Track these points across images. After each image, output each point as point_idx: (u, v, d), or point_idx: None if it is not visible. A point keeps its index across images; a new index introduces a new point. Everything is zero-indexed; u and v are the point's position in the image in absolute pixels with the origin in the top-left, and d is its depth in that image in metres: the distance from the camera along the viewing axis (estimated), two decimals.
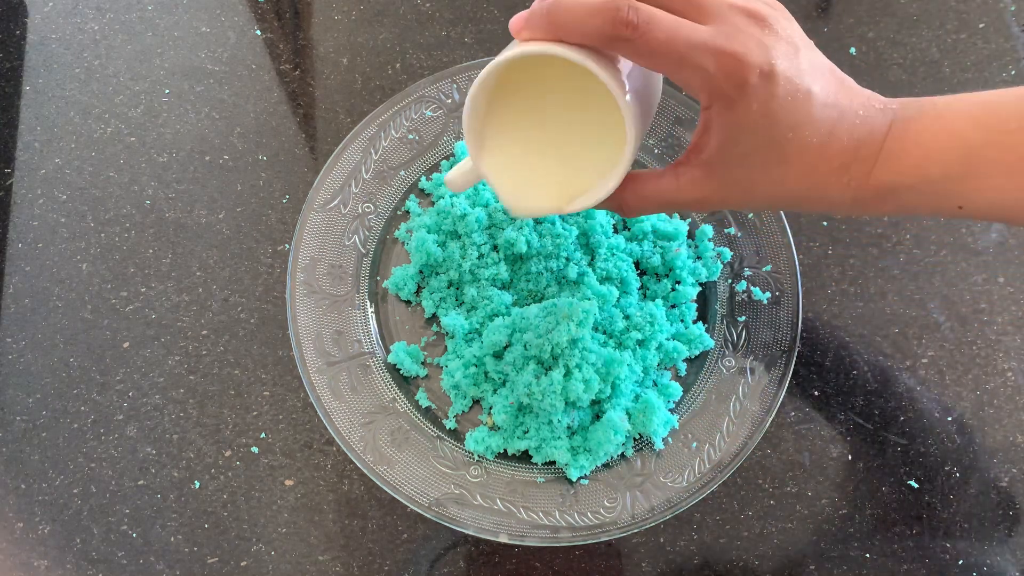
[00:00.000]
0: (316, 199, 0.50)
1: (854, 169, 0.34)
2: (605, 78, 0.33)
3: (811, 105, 0.33)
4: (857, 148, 0.34)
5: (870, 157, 0.34)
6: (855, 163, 0.34)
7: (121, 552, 0.46)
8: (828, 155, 0.34)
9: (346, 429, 0.45)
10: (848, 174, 0.34)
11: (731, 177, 0.36)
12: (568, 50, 0.32)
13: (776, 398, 0.46)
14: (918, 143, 0.33)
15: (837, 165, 0.34)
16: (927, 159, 0.33)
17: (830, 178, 0.34)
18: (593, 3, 0.32)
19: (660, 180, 0.37)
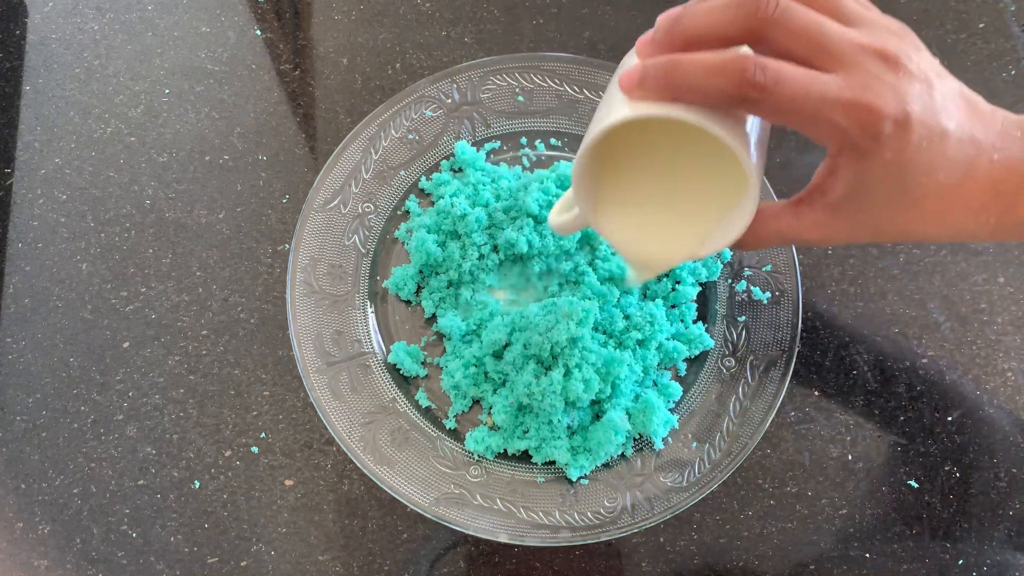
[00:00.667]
0: (316, 199, 0.50)
1: (993, 207, 0.33)
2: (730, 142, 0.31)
3: (946, 146, 0.32)
4: (996, 185, 0.33)
5: (1010, 192, 0.33)
6: (995, 201, 0.33)
7: (121, 552, 0.46)
8: (965, 196, 0.33)
9: (346, 429, 0.45)
10: (987, 212, 0.33)
11: (858, 219, 0.34)
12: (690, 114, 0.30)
13: (776, 398, 0.46)
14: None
15: (976, 206, 0.33)
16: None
17: (967, 218, 0.33)
18: (715, 61, 0.30)
19: (780, 219, 0.35)
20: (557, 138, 0.53)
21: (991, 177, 0.32)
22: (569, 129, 0.53)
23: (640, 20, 0.58)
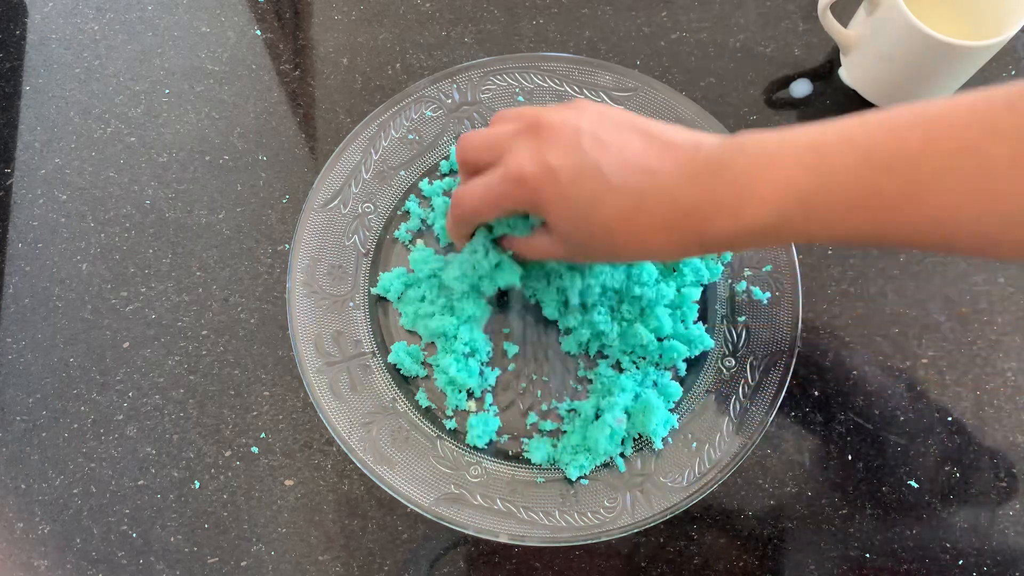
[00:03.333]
0: (316, 199, 0.50)
1: (680, 227, 0.36)
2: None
3: (605, 178, 0.36)
4: (678, 208, 0.35)
5: (696, 213, 0.35)
6: (682, 222, 0.35)
7: (121, 552, 0.46)
8: (648, 219, 0.36)
9: (346, 429, 0.45)
10: (674, 232, 0.36)
11: (572, 245, 0.40)
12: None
13: (776, 398, 0.46)
14: (753, 195, 0.33)
15: (661, 226, 0.36)
16: (761, 209, 0.33)
17: (657, 236, 0.36)
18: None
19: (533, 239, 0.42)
20: None
21: (672, 199, 0.35)
22: None
23: (640, 20, 0.58)
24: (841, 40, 0.54)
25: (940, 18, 0.52)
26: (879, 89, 0.54)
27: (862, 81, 0.55)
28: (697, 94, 0.55)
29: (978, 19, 0.51)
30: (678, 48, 0.57)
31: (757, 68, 0.56)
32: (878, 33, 0.51)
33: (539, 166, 0.37)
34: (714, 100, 0.55)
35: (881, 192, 0.32)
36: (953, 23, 0.52)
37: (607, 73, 0.53)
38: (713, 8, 0.58)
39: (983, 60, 0.50)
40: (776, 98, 0.56)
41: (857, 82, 0.55)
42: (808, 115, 0.55)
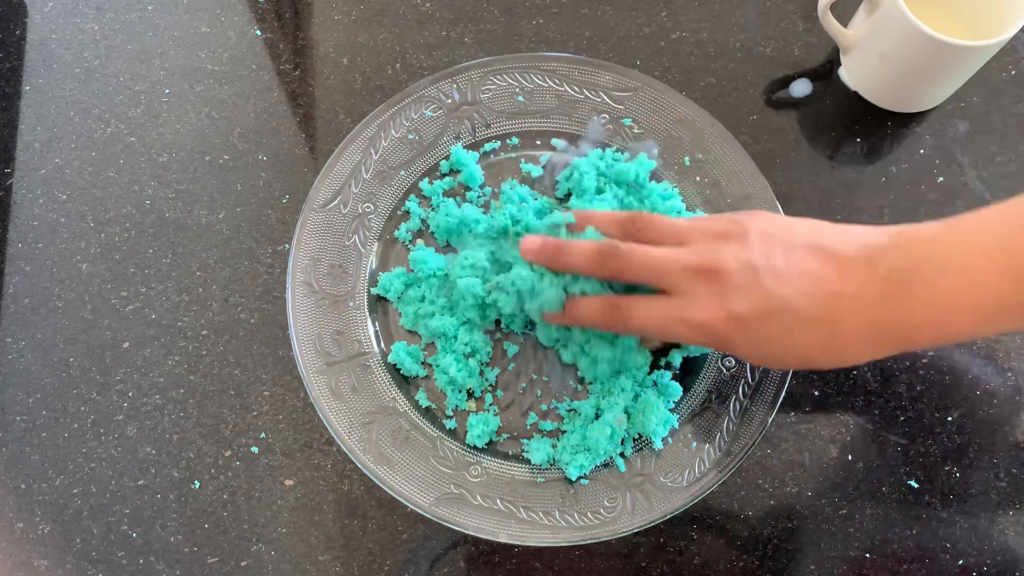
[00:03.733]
0: (316, 199, 0.50)
1: (882, 343, 0.36)
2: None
3: (794, 312, 0.36)
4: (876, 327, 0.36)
5: (895, 330, 0.35)
6: (882, 338, 0.36)
7: (121, 552, 0.46)
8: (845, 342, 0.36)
9: (346, 429, 0.45)
10: (875, 347, 0.36)
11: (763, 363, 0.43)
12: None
13: (776, 398, 0.46)
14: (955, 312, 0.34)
15: (860, 345, 0.36)
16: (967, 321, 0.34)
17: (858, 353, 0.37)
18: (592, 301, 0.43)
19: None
20: (558, 138, 0.53)
21: (869, 322, 0.36)
22: (569, 129, 0.53)
23: (640, 20, 0.58)
24: (841, 40, 0.54)
25: (940, 18, 0.52)
26: (879, 89, 0.54)
27: (862, 81, 0.55)
28: (697, 94, 0.55)
29: (978, 19, 0.51)
30: (678, 48, 0.57)
31: (757, 68, 0.56)
32: (878, 33, 0.51)
33: (724, 316, 0.37)
34: (714, 100, 0.55)
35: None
36: (953, 23, 0.52)
37: (607, 73, 0.53)
38: (713, 8, 0.58)
39: (983, 60, 0.50)
40: (776, 98, 0.56)
41: (857, 82, 0.55)
42: (808, 115, 0.55)
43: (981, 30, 0.49)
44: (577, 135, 0.53)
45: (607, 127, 0.53)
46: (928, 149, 0.54)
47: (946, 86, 0.53)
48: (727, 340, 0.38)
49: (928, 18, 0.48)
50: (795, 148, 0.54)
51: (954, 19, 0.52)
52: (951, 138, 0.55)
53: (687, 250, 0.39)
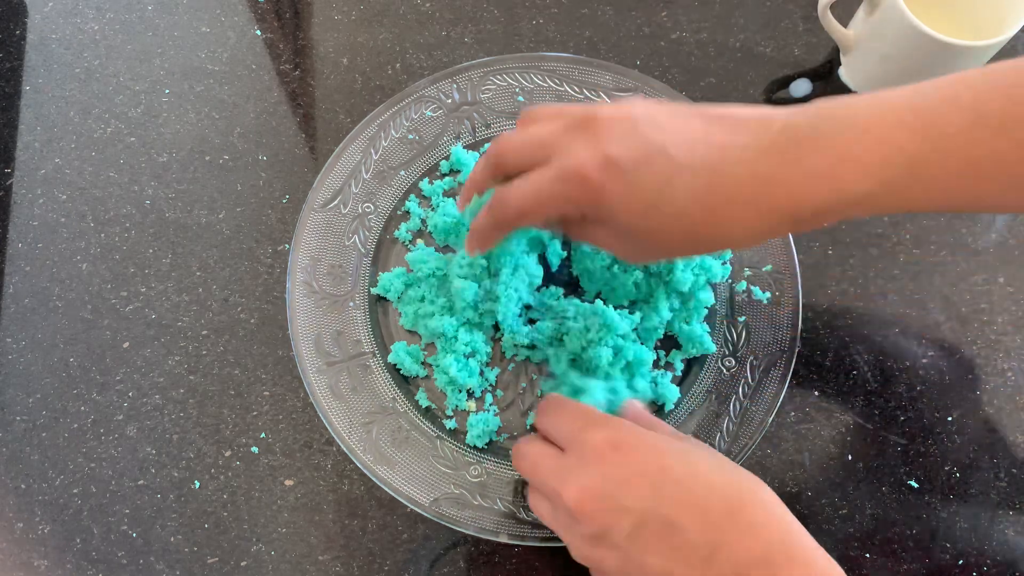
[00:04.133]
0: (316, 199, 0.50)
1: (766, 202, 0.32)
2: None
3: (671, 158, 0.33)
4: (759, 180, 0.32)
5: (783, 185, 0.32)
6: (767, 195, 0.32)
7: (121, 552, 0.46)
8: (725, 195, 0.33)
9: (346, 429, 0.45)
10: (759, 208, 0.32)
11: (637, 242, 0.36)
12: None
13: (776, 398, 0.46)
14: (854, 161, 0.31)
15: (742, 201, 0.32)
16: (864, 175, 0.31)
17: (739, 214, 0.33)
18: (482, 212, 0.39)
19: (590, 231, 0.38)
20: None
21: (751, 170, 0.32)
22: None
23: (640, 20, 0.58)
24: (841, 40, 0.54)
25: (940, 18, 0.52)
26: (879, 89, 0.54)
27: (862, 81, 0.55)
28: (697, 94, 0.55)
29: (978, 19, 0.51)
30: (678, 48, 0.57)
31: (757, 68, 0.56)
32: (878, 33, 0.51)
33: (600, 160, 0.34)
34: (714, 100, 0.55)
35: (997, 154, 0.30)
36: (953, 23, 0.52)
37: (607, 73, 0.53)
38: (713, 8, 0.58)
39: (983, 60, 0.50)
40: (776, 98, 0.56)
41: (857, 82, 0.55)
42: None
43: (981, 30, 0.49)
44: None
45: None
46: None
47: None
48: (600, 190, 0.34)
49: (928, 18, 0.48)
50: None
51: (954, 19, 0.52)
52: None
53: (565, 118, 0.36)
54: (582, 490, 0.34)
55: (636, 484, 0.33)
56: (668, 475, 0.33)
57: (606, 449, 0.34)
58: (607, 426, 0.36)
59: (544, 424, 0.39)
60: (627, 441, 0.35)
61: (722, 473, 0.34)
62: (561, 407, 0.38)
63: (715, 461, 0.35)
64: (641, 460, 0.34)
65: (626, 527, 0.33)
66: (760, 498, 0.33)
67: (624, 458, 0.34)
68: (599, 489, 0.34)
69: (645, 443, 0.35)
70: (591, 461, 0.35)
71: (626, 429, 0.35)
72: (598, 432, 0.35)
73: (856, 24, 0.54)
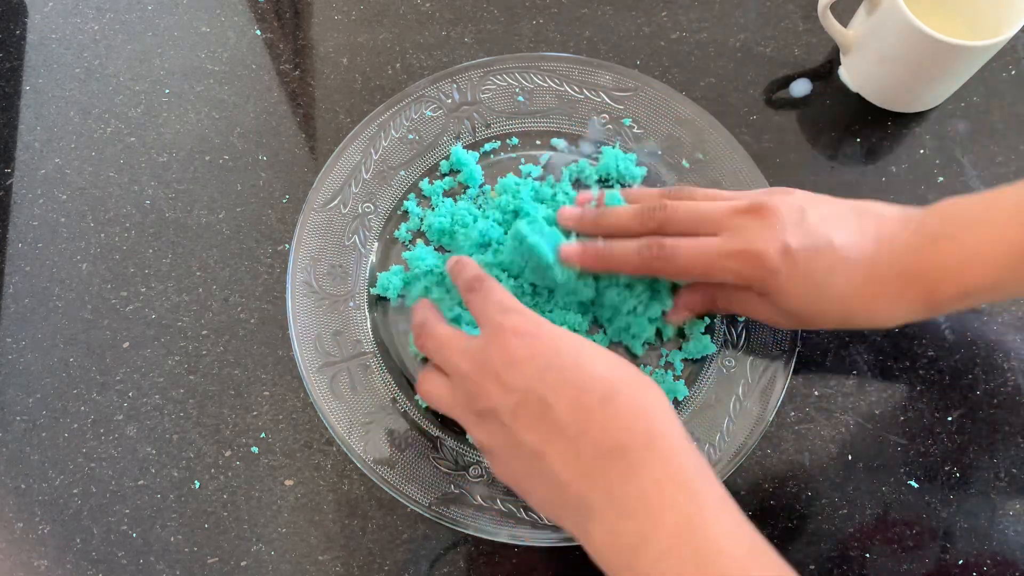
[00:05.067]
0: (316, 199, 0.50)
1: (910, 294, 0.39)
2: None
3: (837, 250, 0.39)
4: (908, 275, 0.38)
5: (923, 279, 0.38)
6: (911, 289, 0.39)
7: (121, 552, 0.46)
8: (880, 288, 0.39)
9: (346, 429, 0.45)
10: (904, 299, 0.39)
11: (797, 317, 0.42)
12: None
13: (776, 398, 0.46)
14: (976, 258, 0.37)
15: (892, 295, 0.39)
16: (987, 269, 0.37)
17: (888, 304, 0.39)
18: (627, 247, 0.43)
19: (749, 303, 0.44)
20: (558, 138, 0.53)
21: (900, 265, 0.38)
22: (569, 129, 0.53)
23: (640, 20, 0.58)
24: (841, 40, 0.54)
25: (940, 18, 0.52)
26: (879, 89, 0.54)
27: (862, 81, 0.55)
28: (697, 94, 0.55)
29: (978, 19, 0.51)
30: (678, 48, 0.57)
31: (757, 68, 0.56)
32: (878, 33, 0.51)
33: (778, 247, 0.39)
34: (714, 100, 0.55)
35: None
36: (953, 23, 0.52)
37: (607, 73, 0.53)
38: (713, 8, 0.58)
39: (983, 60, 0.50)
40: (776, 98, 0.56)
41: (857, 82, 0.55)
42: (808, 115, 0.55)
43: (981, 30, 0.49)
44: (577, 135, 0.53)
45: (607, 127, 0.53)
46: (928, 149, 0.54)
47: (946, 86, 0.53)
48: (774, 273, 0.39)
49: (928, 18, 0.48)
50: (795, 148, 0.54)
51: (954, 19, 0.52)
52: (951, 138, 0.55)
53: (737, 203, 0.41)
54: (480, 364, 0.36)
55: (525, 366, 0.35)
56: (555, 361, 0.35)
57: (510, 334, 0.36)
58: (522, 314, 0.37)
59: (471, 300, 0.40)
60: (530, 330, 0.36)
61: (609, 368, 0.35)
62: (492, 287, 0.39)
63: (610, 360, 0.36)
64: (536, 346, 0.36)
65: (510, 404, 0.35)
66: (636, 392, 0.35)
67: (523, 342, 0.36)
68: (494, 365, 0.36)
69: (546, 334, 0.36)
70: (494, 341, 0.36)
71: (536, 321, 0.37)
72: (511, 317, 0.37)
73: (856, 24, 0.54)
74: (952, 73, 0.51)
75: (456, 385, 0.38)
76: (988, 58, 0.49)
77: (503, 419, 0.35)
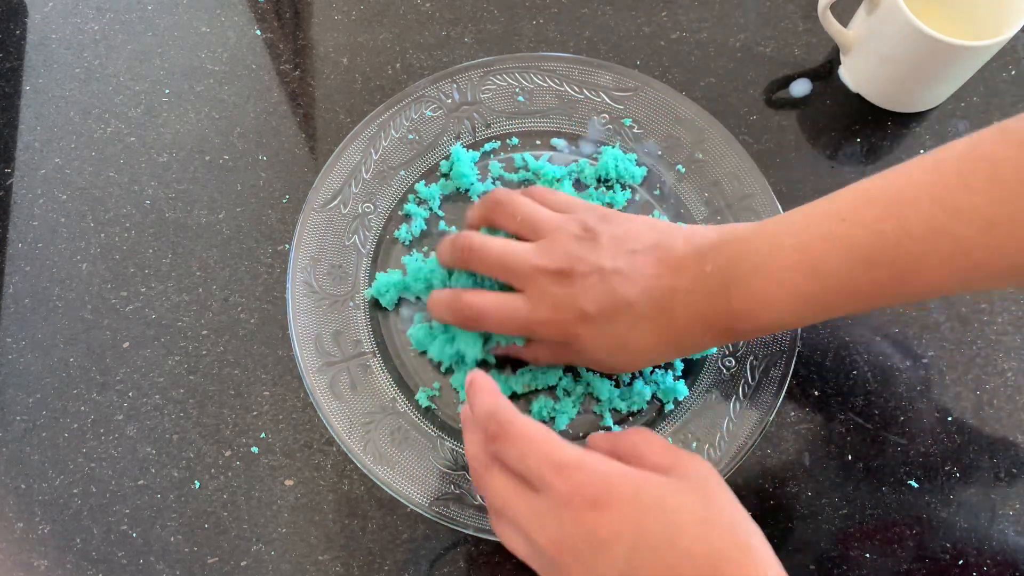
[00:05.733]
0: (316, 199, 0.50)
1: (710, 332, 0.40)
2: None
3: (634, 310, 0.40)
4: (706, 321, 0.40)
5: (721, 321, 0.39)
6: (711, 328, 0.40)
7: (121, 552, 0.46)
8: (680, 333, 0.40)
9: (346, 429, 0.45)
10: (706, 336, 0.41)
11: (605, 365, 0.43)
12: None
13: (776, 398, 0.46)
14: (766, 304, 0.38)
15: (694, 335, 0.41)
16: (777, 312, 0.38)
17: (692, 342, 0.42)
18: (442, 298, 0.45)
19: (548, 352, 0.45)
20: (558, 138, 0.53)
21: (700, 316, 0.40)
22: (569, 129, 0.53)
23: (640, 20, 0.58)
24: (841, 40, 0.54)
25: (940, 18, 0.52)
26: (879, 89, 0.54)
27: (862, 81, 0.55)
28: (697, 94, 0.55)
29: (978, 19, 0.51)
30: (678, 48, 0.57)
31: (757, 68, 0.56)
32: (878, 33, 0.51)
33: (576, 315, 0.40)
34: (714, 100, 0.55)
35: (873, 282, 0.36)
36: (953, 23, 0.52)
37: (607, 73, 0.53)
38: (713, 8, 0.58)
39: (983, 60, 0.50)
40: (776, 98, 0.56)
41: (857, 82, 0.55)
42: (808, 115, 0.55)
43: (981, 30, 0.49)
44: (577, 135, 0.53)
45: (607, 127, 0.53)
46: (928, 149, 0.54)
47: (946, 86, 0.53)
48: (575, 336, 0.41)
49: (928, 18, 0.48)
50: (795, 148, 0.54)
51: (954, 19, 0.52)
52: (951, 138, 0.54)
53: (542, 251, 0.42)
54: (558, 544, 0.32)
55: (611, 550, 0.31)
56: (644, 540, 0.31)
57: (580, 504, 0.32)
58: (580, 470, 0.33)
59: (505, 454, 0.35)
60: (602, 496, 0.32)
61: (704, 537, 0.31)
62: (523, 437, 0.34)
63: (701, 514, 0.32)
64: (618, 521, 0.31)
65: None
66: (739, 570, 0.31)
67: (600, 517, 0.32)
68: (575, 547, 0.32)
69: (623, 499, 0.32)
70: (564, 513, 0.32)
71: (603, 479, 0.32)
72: (570, 479, 0.32)
73: (856, 24, 0.54)
74: (952, 73, 0.51)
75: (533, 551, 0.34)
76: (988, 58, 0.49)
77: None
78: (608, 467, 0.33)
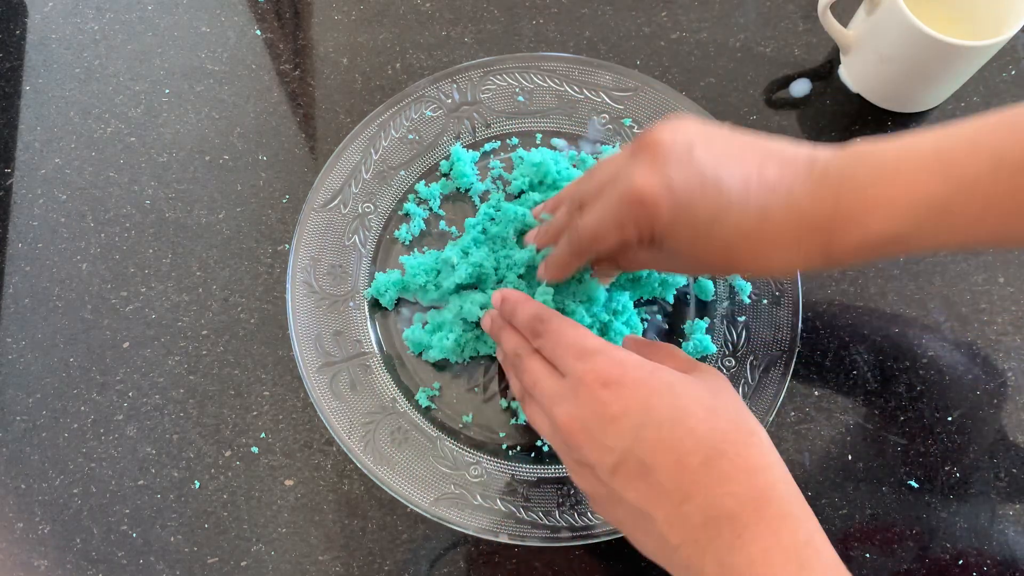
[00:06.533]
0: (316, 199, 0.50)
1: (806, 243, 0.34)
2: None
3: (725, 194, 0.34)
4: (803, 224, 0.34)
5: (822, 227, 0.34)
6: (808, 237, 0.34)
7: (121, 552, 0.46)
8: (772, 236, 0.35)
9: (346, 429, 0.45)
10: (799, 248, 0.35)
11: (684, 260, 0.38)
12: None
13: (776, 398, 0.46)
14: (881, 204, 0.33)
15: (786, 243, 0.35)
16: (892, 218, 0.33)
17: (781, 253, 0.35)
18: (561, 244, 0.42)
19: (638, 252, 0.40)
20: (558, 138, 0.53)
21: (795, 212, 0.34)
22: (569, 129, 0.53)
23: (640, 20, 0.58)
24: (841, 40, 0.54)
25: (940, 18, 0.52)
26: (879, 89, 0.54)
27: (862, 81, 0.55)
28: (697, 94, 0.55)
29: (978, 19, 0.51)
30: (678, 48, 0.57)
31: (757, 68, 0.56)
32: (878, 33, 0.51)
33: (659, 183, 0.35)
34: (714, 100, 0.55)
35: (1016, 190, 0.31)
36: (953, 23, 0.52)
37: (607, 73, 0.53)
38: (713, 8, 0.58)
39: (983, 60, 0.50)
40: (776, 98, 0.56)
41: (857, 82, 0.55)
42: (808, 115, 0.55)
43: (981, 30, 0.49)
44: (577, 135, 0.53)
45: (607, 127, 0.53)
46: None
47: (946, 86, 0.53)
48: (656, 211, 0.35)
49: (928, 18, 0.48)
50: None
51: (954, 19, 0.52)
52: None
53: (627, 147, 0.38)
54: (571, 420, 0.35)
55: (619, 424, 0.33)
56: (651, 416, 0.33)
57: (596, 385, 0.34)
58: (600, 355, 0.35)
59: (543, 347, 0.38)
60: (617, 378, 0.34)
61: (708, 420, 0.33)
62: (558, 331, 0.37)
63: (708, 403, 0.34)
64: (626, 398, 0.34)
65: (608, 463, 0.34)
66: (740, 451, 0.32)
67: (612, 395, 0.34)
68: (586, 423, 0.34)
69: (635, 380, 0.34)
70: (582, 393, 0.35)
71: (618, 363, 0.35)
72: (589, 362, 0.35)
73: (856, 24, 0.54)
74: (952, 73, 0.51)
75: (553, 429, 0.37)
76: (988, 58, 0.49)
77: (601, 475, 0.34)
78: (626, 355, 0.35)
